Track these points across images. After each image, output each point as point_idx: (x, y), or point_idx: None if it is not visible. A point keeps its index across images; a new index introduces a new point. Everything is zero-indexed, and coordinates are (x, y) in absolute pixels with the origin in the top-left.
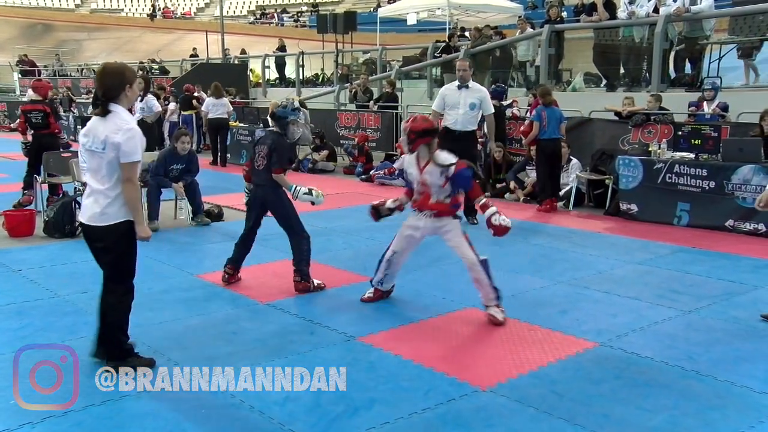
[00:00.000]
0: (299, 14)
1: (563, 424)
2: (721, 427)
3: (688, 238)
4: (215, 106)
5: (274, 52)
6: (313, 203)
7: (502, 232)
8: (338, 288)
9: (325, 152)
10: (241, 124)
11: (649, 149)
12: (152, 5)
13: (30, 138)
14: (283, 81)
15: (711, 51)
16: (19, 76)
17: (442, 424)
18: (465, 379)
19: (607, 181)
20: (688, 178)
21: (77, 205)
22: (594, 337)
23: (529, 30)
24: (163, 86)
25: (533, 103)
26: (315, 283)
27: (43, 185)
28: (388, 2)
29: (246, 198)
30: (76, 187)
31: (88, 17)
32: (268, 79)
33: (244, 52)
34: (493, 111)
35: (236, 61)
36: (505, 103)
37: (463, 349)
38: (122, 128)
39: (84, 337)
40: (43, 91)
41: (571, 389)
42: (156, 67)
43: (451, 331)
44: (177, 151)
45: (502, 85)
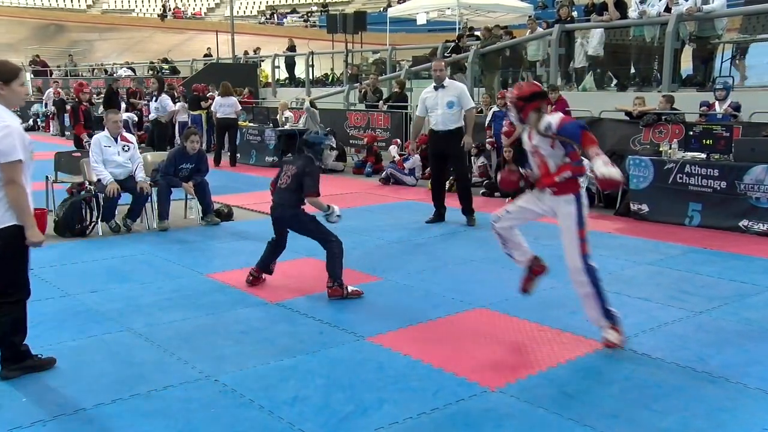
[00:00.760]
0: (309, 14)
1: (573, 425)
2: (733, 429)
3: (699, 238)
4: (222, 106)
5: (284, 52)
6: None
7: (607, 186)
8: None
9: (334, 152)
10: (251, 124)
11: (660, 149)
12: (163, 5)
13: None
14: (293, 81)
15: (723, 50)
16: (32, 77)
17: (451, 425)
18: (474, 379)
19: None
20: (700, 178)
21: (85, 204)
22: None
23: (540, 30)
24: (173, 86)
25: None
26: (349, 289)
27: (56, 185)
28: (398, 2)
29: None
30: (87, 187)
31: (100, 18)
32: (278, 79)
33: (259, 50)
34: (473, 105)
35: (247, 61)
36: None
37: (473, 350)
38: None
39: (95, 336)
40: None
41: (581, 390)
42: (167, 67)
43: (461, 331)
44: (186, 151)
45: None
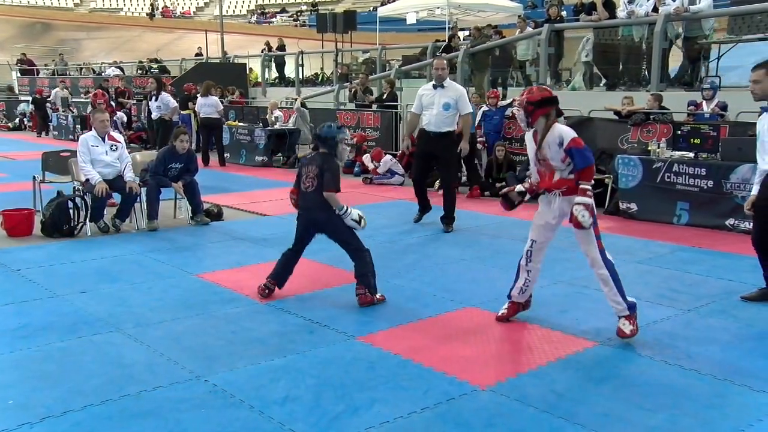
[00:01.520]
0: (299, 13)
1: (563, 424)
2: (720, 425)
3: (687, 237)
4: (203, 106)
5: (274, 52)
6: (353, 228)
7: (577, 227)
8: (338, 288)
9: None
10: (241, 124)
11: (649, 148)
12: (151, 5)
13: None
14: (283, 80)
15: (710, 50)
16: (18, 76)
17: (442, 424)
18: (465, 378)
19: (607, 181)
20: (687, 177)
21: (73, 205)
22: (594, 337)
23: (529, 29)
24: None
25: None
26: (378, 296)
27: (43, 185)
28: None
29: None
30: (75, 187)
31: (88, 16)
32: (268, 79)
33: (270, 48)
34: (471, 111)
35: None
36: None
37: (463, 349)
38: None
39: (84, 336)
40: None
41: (571, 388)
42: (156, 66)
43: (451, 330)
44: (176, 150)
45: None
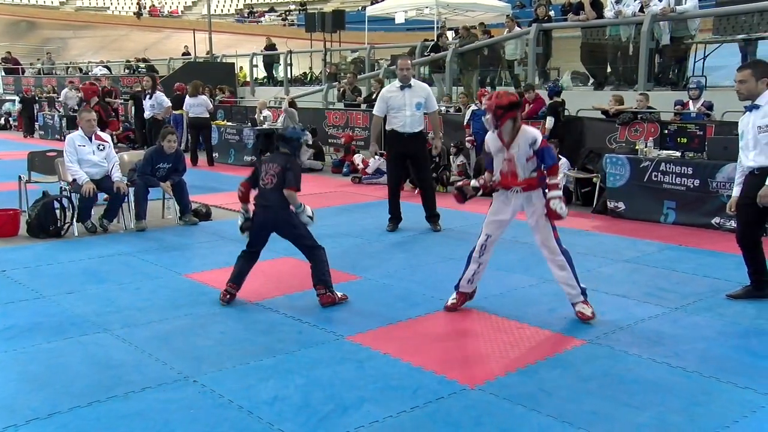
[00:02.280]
0: (287, 13)
1: (552, 422)
2: (707, 422)
3: (674, 235)
4: (192, 106)
5: (262, 51)
6: (305, 224)
7: (554, 218)
8: None
9: (311, 150)
10: (229, 123)
11: (636, 147)
12: (138, 3)
13: None
14: (271, 80)
15: (696, 50)
16: (3, 75)
17: (431, 423)
18: (453, 377)
19: (595, 180)
20: (674, 176)
21: (60, 205)
22: (582, 335)
23: (517, 29)
24: None
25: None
26: (339, 295)
27: (29, 185)
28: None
29: (242, 220)
30: (62, 187)
31: (74, 15)
32: (256, 78)
33: (274, 47)
34: (437, 109)
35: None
36: (559, 100)
37: (452, 348)
38: None
39: (71, 337)
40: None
41: (560, 387)
42: (144, 65)
43: (440, 329)
44: (164, 150)
45: (557, 81)
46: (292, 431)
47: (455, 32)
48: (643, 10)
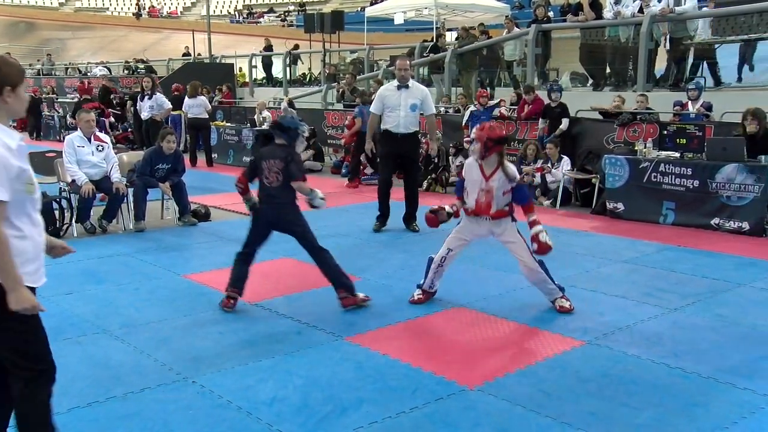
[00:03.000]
0: (286, 13)
1: (551, 423)
2: (705, 423)
3: (673, 236)
4: (191, 106)
5: (261, 52)
6: (318, 207)
7: (544, 250)
8: (326, 288)
9: (311, 151)
10: (228, 124)
11: (635, 148)
12: (137, 4)
13: None
14: (270, 80)
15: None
16: None
17: (430, 423)
18: (452, 378)
19: (594, 180)
20: (673, 177)
21: (59, 205)
22: (581, 336)
23: (516, 30)
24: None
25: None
26: (360, 296)
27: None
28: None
29: (249, 205)
30: (61, 188)
31: (73, 16)
32: (255, 79)
33: (271, 49)
34: (434, 111)
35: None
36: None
37: (451, 349)
38: None
39: (70, 338)
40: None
41: (559, 388)
42: (143, 66)
43: (439, 330)
44: (163, 151)
45: (558, 83)
46: None
47: (456, 33)
48: (642, 11)
